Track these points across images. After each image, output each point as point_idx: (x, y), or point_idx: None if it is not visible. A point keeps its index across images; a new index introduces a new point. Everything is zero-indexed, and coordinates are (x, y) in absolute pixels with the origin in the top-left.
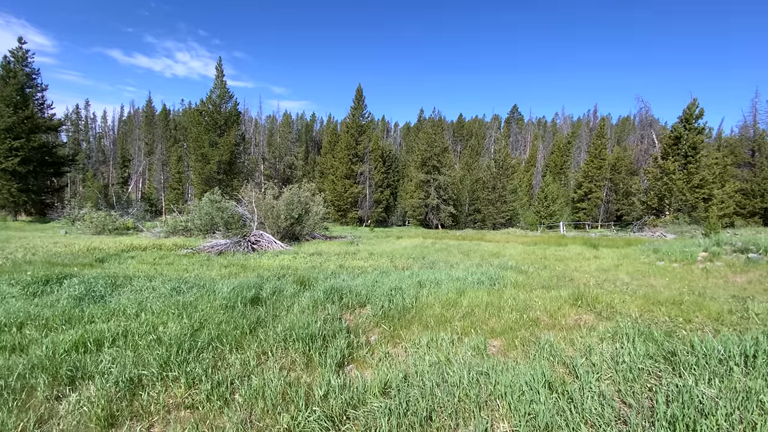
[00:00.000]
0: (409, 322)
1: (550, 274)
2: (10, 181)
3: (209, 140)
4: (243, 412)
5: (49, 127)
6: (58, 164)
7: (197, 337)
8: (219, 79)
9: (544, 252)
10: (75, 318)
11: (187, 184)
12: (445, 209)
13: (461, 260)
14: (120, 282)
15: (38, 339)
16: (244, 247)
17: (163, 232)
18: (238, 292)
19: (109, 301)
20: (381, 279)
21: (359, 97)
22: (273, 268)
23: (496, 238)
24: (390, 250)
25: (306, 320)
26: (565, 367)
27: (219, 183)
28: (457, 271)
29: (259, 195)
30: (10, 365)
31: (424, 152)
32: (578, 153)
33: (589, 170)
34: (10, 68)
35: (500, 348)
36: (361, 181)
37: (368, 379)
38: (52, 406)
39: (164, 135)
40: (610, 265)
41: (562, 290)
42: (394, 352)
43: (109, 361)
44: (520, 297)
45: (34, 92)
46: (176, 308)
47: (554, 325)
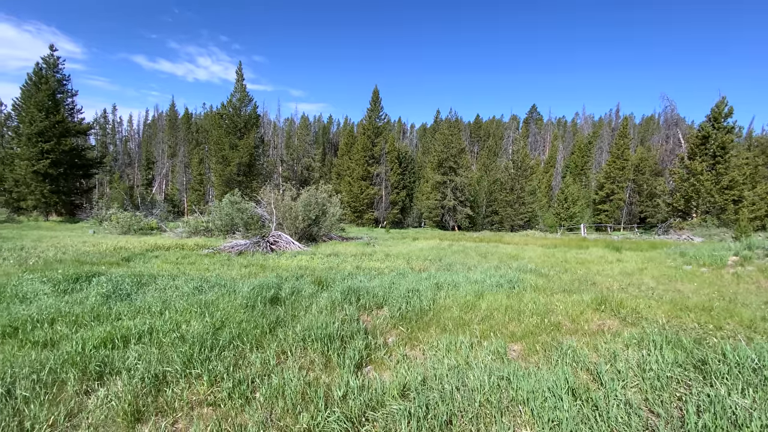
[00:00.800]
0: (427, 324)
1: (571, 278)
2: (42, 182)
3: (229, 143)
4: (264, 411)
5: (78, 131)
6: (86, 166)
7: (219, 336)
8: (239, 83)
9: (565, 255)
10: (103, 315)
11: (208, 185)
12: (461, 211)
13: (479, 262)
14: (145, 281)
15: (68, 335)
16: (262, 247)
17: (185, 232)
18: (258, 292)
19: (134, 299)
20: (398, 281)
21: (376, 99)
22: (291, 269)
23: (515, 240)
24: (406, 251)
25: (324, 321)
26: (588, 374)
27: (239, 184)
28: (474, 274)
29: (277, 196)
30: (42, 360)
31: (441, 153)
32: (599, 153)
33: (611, 171)
34: (42, 74)
35: (521, 352)
36: (377, 183)
37: (387, 380)
38: (81, 400)
39: (186, 138)
40: (634, 268)
41: (584, 294)
42: (412, 354)
43: (136, 358)
44: (541, 301)
45: (64, 97)
46: (199, 307)
47: (576, 330)
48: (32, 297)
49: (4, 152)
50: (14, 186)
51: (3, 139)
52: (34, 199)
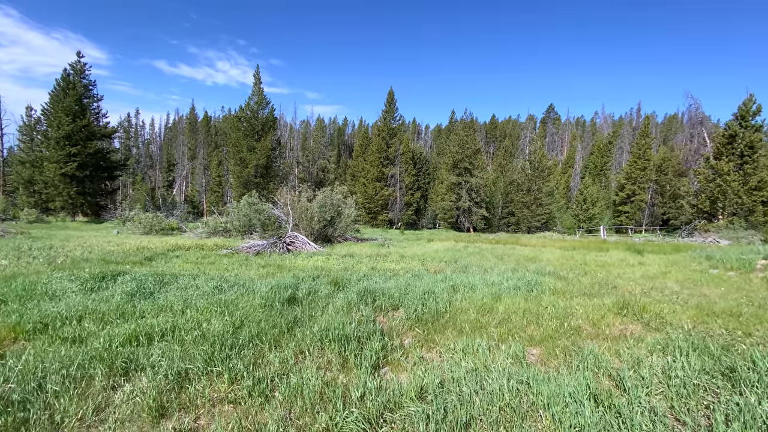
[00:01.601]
0: (443, 326)
1: (591, 281)
2: (69, 184)
3: (247, 145)
4: (283, 410)
5: (103, 134)
6: (111, 169)
7: (238, 335)
8: (257, 87)
9: (584, 257)
10: (128, 313)
11: (227, 187)
12: (477, 212)
13: (495, 264)
14: (167, 280)
15: (96, 332)
16: (279, 247)
17: (205, 232)
18: (276, 292)
19: (157, 297)
20: (413, 282)
21: (390, 101)
22: (307, 269)
23: (532, 242)
24: (421, 253)
25: (341, 321)
26: (611, 380)
27: (256, 186)
28: (491, 276)
29: (293, 197)
30: (71, 355)
31: (456, 154)
32: (620, 153)
33: (632, 171)
34: (70, 80)
35: (540, 357)
36: (392, 184)
37: (404, 382)
38: (108, 395)
39: (206, 140)
40: (657, 272)
41: (605, 298)
42: (428, 356)
43: (159, 355)
44: (560, 304)
45: (90, 102)
46: (218, 306)
47: (597, 334)
48: (61, 295)
49: (33, 155)
50: (43, 188)
51: (33, 142)
52: (61, 201)
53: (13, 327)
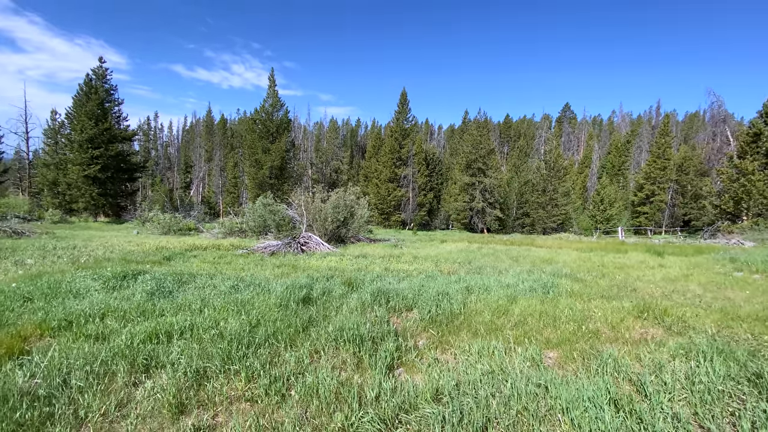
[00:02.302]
0: (458, 328)
1: (610, 283)
2: (91, 186)
3: (262, 147)
4: (299, 409)
5: (124, 137)
6: (131, 171)
7: (255, 334)
8: (271, 89)
9: (602, 259)
10: (148, 311)
11: (242, 188)
12: (491, 213)
13: (510, 266)
14: (185, 279)
15: (118, 329)
16: (294, 248)
17: (221, 233)
18: (291, 292)
19: (176, 296)
20: (427, 283)
21: (403, 101)
22: (321, 269)
23: (548, 244)
24: (434, 254)
25: (355, 321)
26: (631, 384)
27: (271, 187)
28: (506, 278)
29: (307, 198)
30: (95, 352)
31: (469, 154)
32: (639, 153)
33: (651, 171)
34: (92, 85)
35: (557, 360)
36: (405, 185)
37: (419, 384)
38: (130, 391)
39: (222, 142)
40: (678, 274)
41: (625, 301)
42: (443, 358)
43: (178, 353)
44: (577, 307)
45: (112, 106)
46: (235, 305)
47: (617, 338)
48: (84, 293)
49: (58, 158)
50: (67, 189)
51: (57, 145)
52: (84, 202)
53: (39, 324)
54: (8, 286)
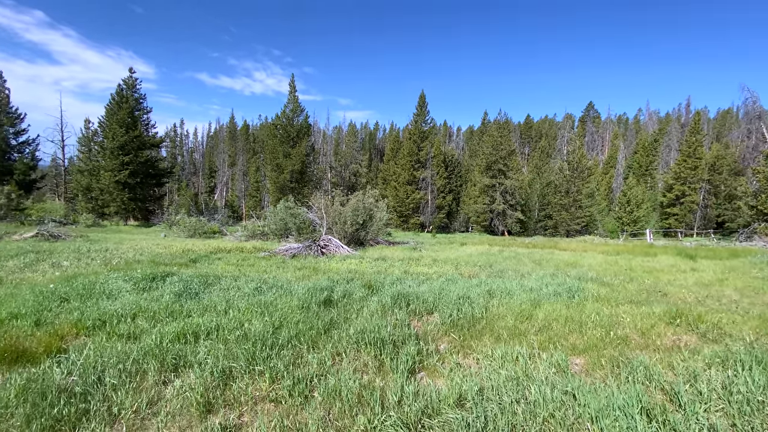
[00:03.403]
0: (480, 332)
1: (638, 288)
2: (122, 191)
3: (283, 151)
4: (322, 410)
5: (152, 144)
6: (159, 176)
7: (278, 335)
8: (292, 95)
9: (629, 263)
10: (176, 312)
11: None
12: (512, 215)
13: (533, 269)
14: (210, 281)
15: (148, 329)
16: (314, 251)
17: (244, 236)
18: (312, 294)
19: (202, 297)
20: (447, 286)
21: (422, 104)
22: (341, 272)
23: (571, 247)
24: (454, 257)
25: (376, 324)
26: (664, 394)
27: (291, 191)
28: (529, 281)
29: (327, 202)
30: (127, 351)
31: (489, 156)
32: (667, 152)
33: (681, 171)
34: (123, 94)
35: (584, 367)
36: (423, 187)
37: (441, 388)
38: (160, 389)
39: (244, 148)
40: (712, 279)
41: (655, 306)
42: (465, 362)
43: (205, 353)
44: (605, 312)
45: (141, 114)
46: (259, 307)
47: (647, 345)
48: (116, 294)
49: (91, 165)
50: (99, 194)
51: (90, 153)
52: (115, 206)
53: (75, 323)
54: (47, 287)
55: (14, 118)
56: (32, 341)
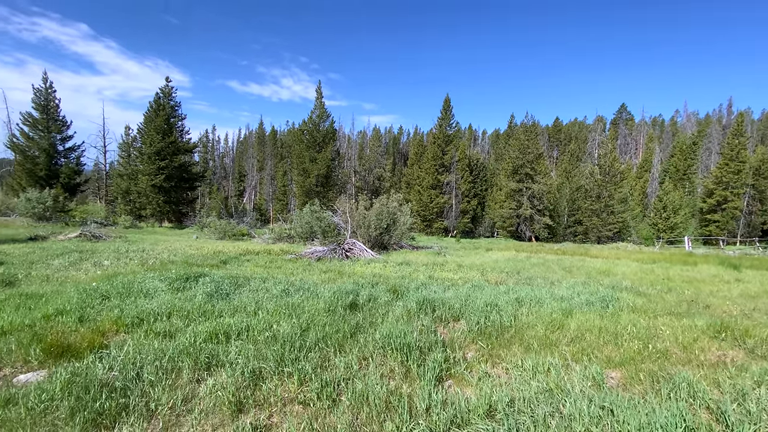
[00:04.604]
0: (509, 341)
1: (678, 299)
2: (158, 194)
3: (309, 156)
4: (350, 415)
5: (186, 149)
6: (192, 180)
7: (305, 337)
8: (318, 101)
9: (667, 272)
10: (208, 312)
11: (291, 195)
12: (539, 220)
13: (563, 277)
14: (240, 282)
15: (182, 328)
16: (339, 254)
17: (271, 238)
18: (338, 297)
19: (232, 298)
20: (474, 293)
21: (447, 108)
22: (366, 276)
23: (603, 254)
24: (480, 262)
25: (402, 330)
26: (709, 413)
27: (317, 195)
28: (559, 290)
29: (351, 206)
30: (163, 348)
31: (516, 159)
32: (707, 155)
33: (722, 175)
34: (160, 102)
35: (620, 381)
36: (447, 191)
37: (470, 398)
38: (194, 387)
39: (272, 153)
40: (759, 290)
41: (697, 319)
42: (493, 372)
43: (236, 353)
44: (641, 323)
45: (176, 121)
46: (286, 309)
47: (689, 360)
48: (153, 293)
49: (130, 169)
50: (137, 197)
51: (130, 158)
52: (151, 209)
53: (115, 320)
54: (89, 285)
55: (62, 126)
56: (76, 337)
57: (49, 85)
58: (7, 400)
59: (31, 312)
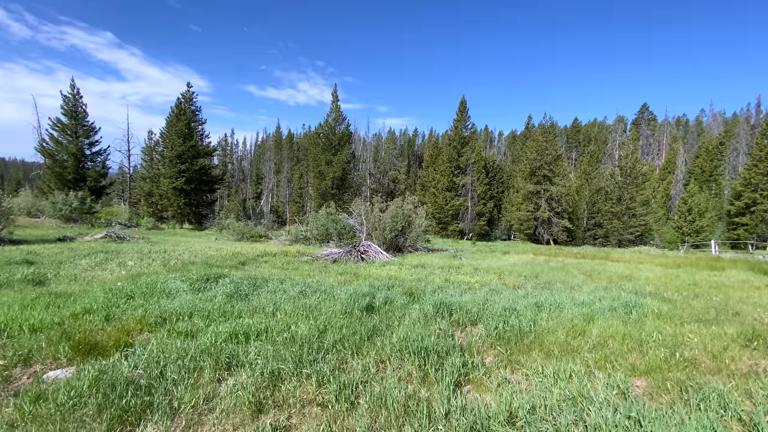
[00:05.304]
0: (528, 347)
1: (705, 305)
2: (179, 197)
3: (325, 159)
4: (368, 418)
5: (206, 153)
6: (211, 183)
7: (323, 339)
8: (334, 104)
9: (693, 277)
10: (228, 312)
11: (307, 198)
12: (558, 223)
13: (583, 282)
14: (258, 283)
15: (203, 328)
16: (354, 256)
17: (288, 240)
18: (354, 299)
19: (251, 299)
20: (491, 297)
21: (462, 109)
22: (381, 278)
23: (625, 258)
24: (497, 266)
25: (419, 333)
26: (741, 425)
27: (333, 197)
28: (580, 295)
29: (367, 208)
30: (186, 348)
31: (533, 161)
32: (735, 156)
33: (751, 177)
34: (181, 107)
35: (646, 390)
36: (463, 194)
37: (490, 404)
38: (215, 387)
39: (289, 156)
40: None
41: (727, 326)
42: (513, 378)
43: (255, 354)
44: (667, 330)
45: (197, 126)
46: (304, 310)
47: (719, 369)
48: (175, 293)
49: (153, 172)
50: (159, 199)
51: (152, 161)
52: (172, 210)
53: (139, 319)
54: (114, 284)
55: (89, 131)
56: (103, 335)
57: (77, 91)
58: (38, 395)
59: (60, 310)
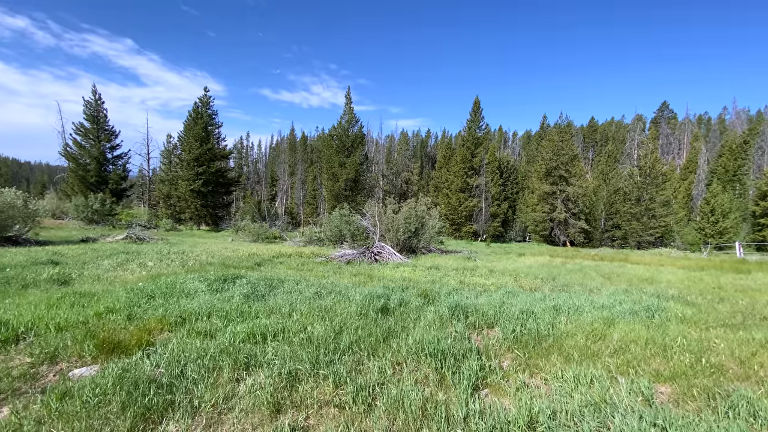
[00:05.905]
0: (547, 351)
1: (731, 309)
2: (196, 199)
3: (338, 161)
4: (386, 420)
5: (222, 155)
6: (227, 185)
7: (339, 340)
8: (348, 106)
9: (718, 280)
10: (245, 312)
11: (320, 199)
12: (574, 224)
13: (602, 284)
14: (274, 284)
15: (221, 328)
16: (367, 257)
17: (302, 241)
18: (369, 301)
19: (268, 299)
20: (508, 300)
21: (476, 109)
22: (395, 280)
23: (645, 260)
24: (512, 268)
25: (435, 335)
26: None
27: (346, 199)
28: (599, 298)
29: (380, 209)
30: (205, 347)
31: (549, 161)
32: (760, 155)
33: None
34: (199, 111)
35: (671, 396)
36: (477, 195)
37: (509, 408)
38: (234, 386)
39: (303, 158)
40: None
41: (755, 331)
42: (532, 382)
43: (273, 354)
44: (692, 335)
45: (213, 129)
46: (319, 311)
47: (747, 375)
48: (193, 293)
49: (171, 175)
50: (177, 201)
51: (171, 164)
52: (190, 212)
53: (160, 319)
54: (136, 284)
55: (110, 135)
56: (125, 334)
57: (98, 97)
58: (64, 393)
59: (84, 310)
